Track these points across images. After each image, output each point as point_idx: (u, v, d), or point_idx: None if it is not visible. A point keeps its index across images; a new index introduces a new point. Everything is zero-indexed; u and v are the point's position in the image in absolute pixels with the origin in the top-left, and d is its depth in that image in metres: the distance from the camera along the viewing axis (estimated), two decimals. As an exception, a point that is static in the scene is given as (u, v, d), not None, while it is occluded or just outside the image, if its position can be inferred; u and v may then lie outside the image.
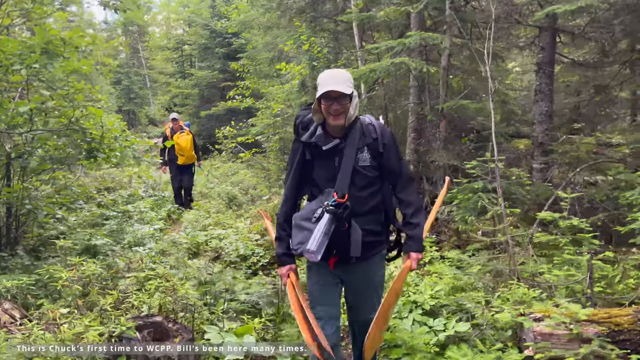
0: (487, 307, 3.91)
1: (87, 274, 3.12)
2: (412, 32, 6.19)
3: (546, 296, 4.12)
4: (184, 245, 6.33)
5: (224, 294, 3.88)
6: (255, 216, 7.53)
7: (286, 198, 2.80)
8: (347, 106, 2.56)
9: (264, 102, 11.30)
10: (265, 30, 13.08)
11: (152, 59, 36.14)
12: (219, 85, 21.23)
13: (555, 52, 7.93)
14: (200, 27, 21.62)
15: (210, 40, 21.00)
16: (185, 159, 9.37)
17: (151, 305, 3.05)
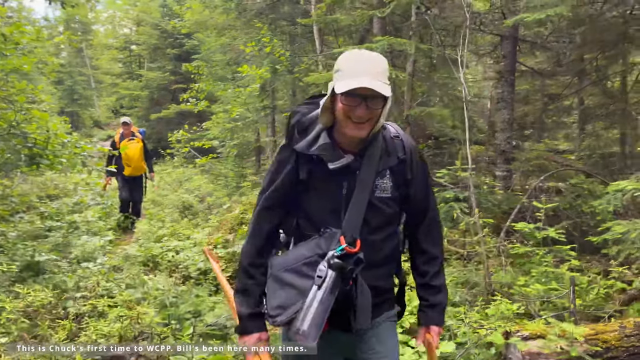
0: (469, 324, 3.76)
1: (35, 303, 2.70)
2: (380, 37, 6.03)
3: (524, 310, 4.03)
4: (138, 259, 5.87)
5: (189, 317, 3.52)
6: (216, 227, 7.14)
7: (257, 230, 1.87)
8: (378, 112, 1.74)
9: (220, 105, 10.88)
10: (220, 31, 12.68)
11: (96, 59, 34.61)
12: (170, 87, 20.52)
13: (516, 60, 8.03)
14: (150, 26, 20.81)
15: (161, 40, 20.27)
16: (132, 169, 8.16)
17: (110, 334, 2.68)
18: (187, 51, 20.13)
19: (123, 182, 8.45)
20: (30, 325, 2.75)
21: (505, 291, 4.49)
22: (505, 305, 3.75)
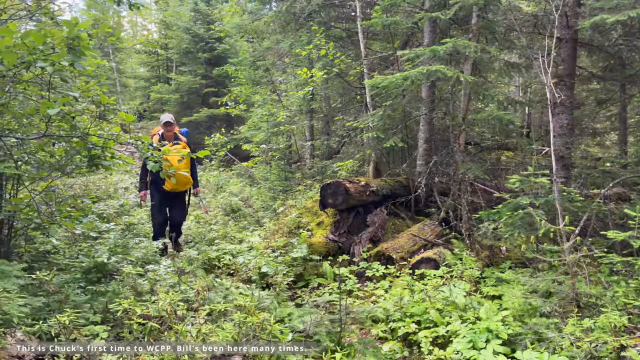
0: (572, 336, 3.59)
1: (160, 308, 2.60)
2: (447, 39, 5.90)
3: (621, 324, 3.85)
4: (199, 262, 5.80)
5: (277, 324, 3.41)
6: (272, 231, 7.04)
7: None
8: None
9: (259, 109, 10.83)
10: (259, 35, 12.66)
11: (122, 63, 34.96)
12: (201, 91, 20.59)
13: (576, 64, 7.83)
14: (181, 30, 20.93)
15: (192, 44, 20.36)
16: (174, 183, 6.39)
17: (224, 343, 2.57)
18: (218, 55, 20.21)
19: (160, 198, 6.82)
20: (158, 329, 2.66)
21: (593, 302, 4.31)
22: (608, 318, 3.58)
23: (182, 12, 24.12)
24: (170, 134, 6.79)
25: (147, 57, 28.13)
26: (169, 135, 6.79)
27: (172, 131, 6.80)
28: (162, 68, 27.70)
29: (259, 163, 11.33)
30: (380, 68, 9.82)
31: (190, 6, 21.58)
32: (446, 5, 7.34)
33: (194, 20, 20.81)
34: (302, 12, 9.21)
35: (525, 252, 4.99)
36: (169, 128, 6.80)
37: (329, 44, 8.36)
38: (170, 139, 6.76)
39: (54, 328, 2.90)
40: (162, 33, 27.28)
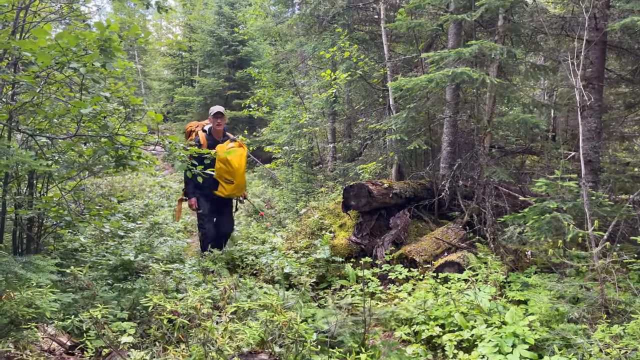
0: (596, 342, 3.53)
1: (189, 305, 2.65)
2: (473, 42, 5.85)
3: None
4: (223, 261, 5.86)
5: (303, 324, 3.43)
6: (294, 232, 7.08)
7: None
8: None
9: (281, 111, 10.90)
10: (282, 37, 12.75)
11: (147, 66, 35.57)
12: (224, 93, 20.80)
13: (604, 67, 7.69)
14: (205, 33, 21.20)
15: (216, 47, 20.59)
16: (234, 188, 5.65)
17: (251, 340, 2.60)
18: (241, 58, 20.40)
19: (210, 207, 5.84)
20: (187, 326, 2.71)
21: (622, 309, 4.22)
22: (638, 324, 3.50)
23: (207, 15, 24.43)
24: (221, 128, 5.79)
25: (172, 60, 28.54)
26: (219, 130, 5.79)
27: (222, 125, 5.80)
28: (186, 70, 28.07)
29: (281, 165, 11.40)
30: (404, 70, 9.80)
31: (215, 9, 21.83)
32: (472, 7, 7.29)
33: (218, 23, 21.04)
34: (325, 14, 9.25)
35: (551, 257, 4.92)
36: (220, 121, 5.76)
37: (353, 46, 8.37)
38: (220, 135, 5.80)
39: (85, 323, 2.97)
40: (187, 36, 27.65)
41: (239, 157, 5.57)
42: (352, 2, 9.71)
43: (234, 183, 5.66)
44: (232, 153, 5.36)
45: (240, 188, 5.80)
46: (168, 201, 10.68)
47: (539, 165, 11.46)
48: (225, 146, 5.61)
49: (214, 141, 5.80)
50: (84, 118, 5.10)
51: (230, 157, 5.44)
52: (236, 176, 5.65)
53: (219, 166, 5.54)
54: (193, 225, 9.55)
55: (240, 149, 5.62)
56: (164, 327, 2.59)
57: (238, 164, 5.58)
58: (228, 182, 5.67)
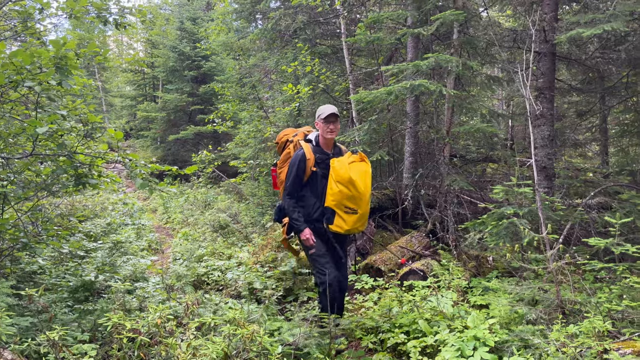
0: (552, 342, 3.65)
1: (150, 322, 2.61)
2: (429, 54, 6.04)
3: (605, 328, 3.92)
4: (188, 279, 5.80)
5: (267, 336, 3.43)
6: (260, 246, 7.06)
7: None
8: None
9: (246, 125, 10.90)
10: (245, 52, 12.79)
11: (108, 82, 34.94)
12: (188, 108, 20.65)
13: (554, 77, 8.03)
14: (167, 49, 21.04)
15: (179, 63, 20.45)
16: (356, 220, 4.10)
17: (214, 356, 2.59)
18: (204, 73, 20.32)
19: (326, 248, 4.27)
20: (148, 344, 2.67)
21: (577, 309, 4.38)
22: (592, 323, 3.65)
23: (168, 30, 24.27)
24: (334, 135, 4.17)
25: (133, 76, 28.17)
26: (330, 140, 4.21)
27: (336, 131, 4.17)
28: (149, 86, 27.75)
29: (247, 179, 11.37)
30: (366, 83, 9.97)
31: (176, 25, 21.73)
32: (428, 22, 7.52)
33: (180, 38, 20.94)
34: (287, 29, 9.36)
35: (511, 262, 5.07)
36: (333, 126, 4.12)
37: (314, 61, 8.50)
38: (330, 146, 4.25)
39: (43, 346, 2.89)
40: (148, 52, 27.37)
41: (364, 175, 4.01)
42: (312, 17, 9.86)
43: (358, 213, 3.98)
44: (354, 170, 3.92)
45: (365, 220, 4.13)
46: (132, 219, 10.49)
47: (499, 172, 11.82)
48: (346, 160, 4.02)
49: (323, 154, 4.15)
50: (41, 137, 5.00)
51: (355, 175, 3.91)
52: (362, 203, 4.00)
53: (338, 189, 3.94)
54: (157, 243, 9.41)
55: (363, 163, 4.07)
56: (125, 347, 2.55)
57: (364, 186, 3.98)
58: (350, 212, 3.97)
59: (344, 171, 3.93)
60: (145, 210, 13.39)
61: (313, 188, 4.16)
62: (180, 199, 13.60)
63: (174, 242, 8.62)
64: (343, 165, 3.98)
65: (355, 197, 3.95)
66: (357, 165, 3.99)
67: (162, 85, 24.36)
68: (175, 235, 9.87)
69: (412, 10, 7.45)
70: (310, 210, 4.13)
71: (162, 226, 11.82)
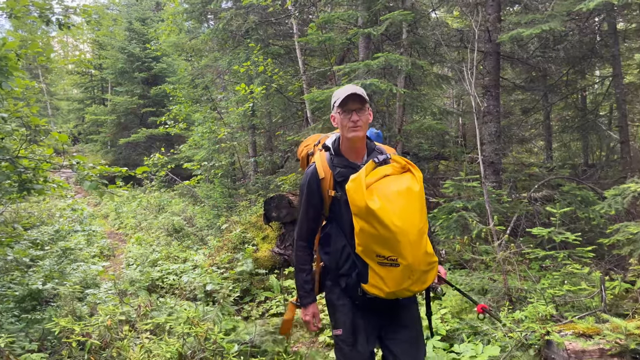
0: (500, 328, 3.82)
1: (100, 325, 2.54)
2: (379, 54, 6.16)
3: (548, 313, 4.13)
4: (142, 283, 5.68)
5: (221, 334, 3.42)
6: (216, 247, 6.99)
7: None
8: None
9: (199, 127, 10.76)
10: (197, 53, 12.63)
11: (53, 85, 33.59)
12: (139, 111, 20.15)
13: (499, 75, 8.35)
14: (116, 50, 20.46)
15: (128, 64, 19.94)
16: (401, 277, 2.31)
17: (168, 356, 2.56)
18: (155, 74, 19.91)
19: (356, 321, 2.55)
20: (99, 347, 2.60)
21: (524, 296, 4.59)
22: (536, 308, 3.83)
23: (117, 31, 23.61)
24: (361, 133, 2.49)
25: (80, 78, 27.21)
26: (357, 141, 2.52)
27: (365, 126, 2.49)
28: (97, 89, 26.88)
29: (202, 181, 11.22)
30: (319, 83, 10.05)
31: (125, 25, 21.18)
32: (378, 22, 7.66)
33: (129, 39, 20.42)
34: (239, 29, 9.31)
35: (462, 254, 5.25)
36: (357, 117, 2.45)
37: (267, 60, 8.49)
38: (360, 153, 2.57)
39: (-14, 357, 2.77)
40: (96, 53, 26.52)
41: (404, 198, 2.31)
42: (264, 17, 9.84)
43: (401, 265, 2.31)
44: (383, 190, 2.30)
45: (420, 273, 2.37)
46: (81, 225, 10.15)
47: (451, 169, 12.17)
48: (364, 174, 2.33)
49: (348, 167, 2.52)
50: (-20, 141, 4.78)
51: (381, 201, 2.27)
52: (403, 247, 2.30)
53: (359, 227, 2.33)
54: (109, 249, 9.16)
55: (405, 176, 2.40)
56: (74, 351, 2.48)
57: (403, 218, 2.28)
58: (387, 264, 2.34)
59: (358, 196, 2.26)
60: (96, 216, 12.99)
61: (340, 222, 2.51)
62: (133, 204, 13.27)
63: (127, 248, 8.41)
64: (358, 186, 2.27)
65: (388, 239, 2.24)
66: (390, 183, 2.31)
67: (111, 87, 23.67)
68: (128, 241, 9.63)
69: (362, 11, 7.57)
70: (339, 259, 2.50)
71: (114, 232, 11.50)
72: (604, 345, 3.15)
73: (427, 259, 2.34)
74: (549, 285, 4.30)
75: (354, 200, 2.28)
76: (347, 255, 2.47)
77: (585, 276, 4.25)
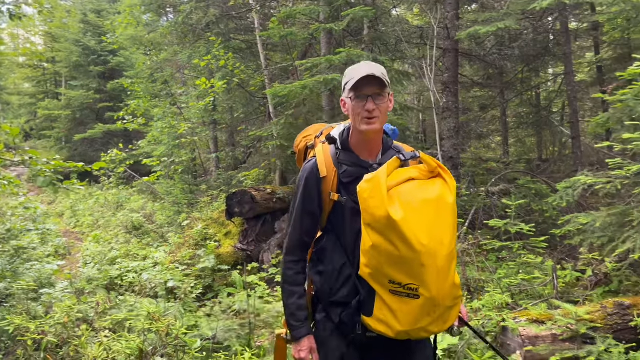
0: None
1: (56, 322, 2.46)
2: (341, 49, 6.20)
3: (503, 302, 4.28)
4: (100, 282, 5.53)
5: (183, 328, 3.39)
6: (177, 244, 6.89)
7: None
8: None
9: (159, 122, 10.54)
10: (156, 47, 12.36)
11: (3, 79, 32.14)
12: (95, 106, 19.56)
13: (458, 72, 8.55)
14: (70, 43, 19.77)
15: (83, 57, 19.30)
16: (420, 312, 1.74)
17: (128, 352, 2.51)
18: (112, 68, 19.35)
19: None
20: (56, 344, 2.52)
21: (482, 286, 4.74)
22: (493, 297, 3.96)
23: (71, 23, 22.78)
24: (377, 127, 1.92)
25: (32, 72, 26.14)
26: (372, 132, 1.93)
27: (383, 115, 1.91)
28: (50, 83, 25.92)
29: (162, 178, 11.01)
30: (282, 78, 10.02)
31: (79, 17, 20.49)
32: (339, 17, 7.70)
33: (84, 32, 19.76)
34: (199, 23, 9.17)
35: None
36: (374, 105, 1.87)
37: (229, 55, 8.40)
38: (375, 147, 2.00)
39: None
40: (48, 46, 25.53)
41: (435, 208, 1.75)
42: (225, 10, 9.72)
43: (422, 296, 1.73)
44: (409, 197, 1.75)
45: (444, 309, 1.78)
46: (35, 224, 9.78)
47: (412, 164, 12.39)
48: (385, 173, 1.78)
49: (358, 166, 1.98)
50: None
51: (408, 212, 1.71)
52: (429, 273, 1.72)
53: (371, 243, 1.77)
54: (65, 247, 8.88)
55: (435, 183, 1.81)
56: (29, 350, 2.40)
57: (430, 235, 1.71)
58: (403, 294, 1.76)
59: (375, 202, 1.74)
60: (50, 215, 12.54)
61: (341, 235, 1.98)
62: (90, 202, 12.89)
63: (83, 246, 8.17)
64: (376, 188, 1.75)
65: (410, 261, 1.71)
66: (415, 189, 1.77)
67: (66, 81, 22.87)
68: (85, 239, 9.36)
69: (324, 6, 7.59)
70: (335, 282, 1.95)
71: (70, 231, 11.15)
72: (556, 331, 3.29)
73: (454, 292, 1.79)
74: (505, 275, 4.45)
75: (369, 207, 1.74)
76: (347, 277, 1.91)
77: (538, 265, 4.42)
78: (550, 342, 3.36)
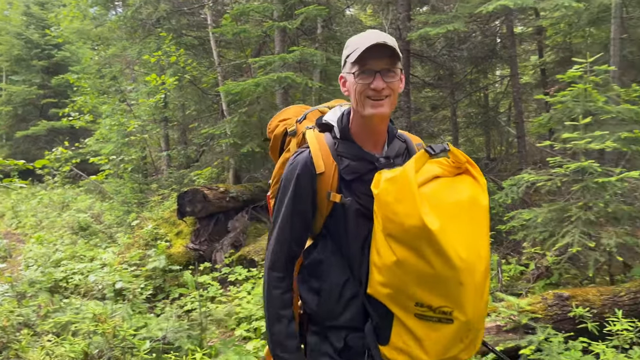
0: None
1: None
2: (295, 47, 6.20)
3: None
4: (44, 284, 5.30)
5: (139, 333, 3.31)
6: (127, 244, 6.69)
7: None
8: None
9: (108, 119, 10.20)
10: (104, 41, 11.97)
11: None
12: (38, 102, 18.71)
13: (409, 73, 8.72)
14: (11, 35, 18.82)
15: (26, 51, 18.42)
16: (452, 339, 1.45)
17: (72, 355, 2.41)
18: (57, 63, 18.58)
19: None
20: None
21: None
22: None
23: (12, 15, 21.70)
24: (386, 110, 1.54)
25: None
26: (377, 120, 1.57)
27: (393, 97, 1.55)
28: (-11, 77, 24.59)
29: (110, 177, 10.66)
30: (235, 75, 9.91)
31: (22, 9, 19.54)
32: (293, 16, 7.69)
33: (27, 24, 18.86)
34: (149, 18, 8.94)
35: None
36: (384, 83, 1.50)
37: (180, 51, 8.23)
38: (381, 136, 1.63)
39: None
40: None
41: (468, 213, 1.42)
42: (177, 5, 9.52)
43: (457, 320, 1.42)
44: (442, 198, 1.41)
45: (476, 332, 1.50)
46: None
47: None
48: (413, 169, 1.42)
49: (362, 160, 1.60)
50: None
51: (444, 219, 1.36)
52: (466, 294, 1.40)
53: (395, 259, 1.42)
54: (5, 249, 8.46)
55: (463, 181, 1.47)
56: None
57: (469, 247, 1.39)
58: (433, 318, 1.43)
59: (406, 207, 1.39)
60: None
61: (342, 243, 1.61)
62: (33, 201, 12.33)
63: (26, 248, 7.80)
64: (404, 189, 1.40)
65: (445, 280, 1.40)
66: (444, 189, 1.44)
67: (6, 76, 21.74)
68: (27, 241, 8.94)
69: (277, 4, 7.56)
70: (335, 303, 1.60)
71: (10, 232, 10.62)
72: (500, 322, 3.42)
73: (486, 311, 1.54)
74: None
75: (396, 213, 1.39)
76: (351, 297, 1.56)
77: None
78: (494, 333, 3.49)
